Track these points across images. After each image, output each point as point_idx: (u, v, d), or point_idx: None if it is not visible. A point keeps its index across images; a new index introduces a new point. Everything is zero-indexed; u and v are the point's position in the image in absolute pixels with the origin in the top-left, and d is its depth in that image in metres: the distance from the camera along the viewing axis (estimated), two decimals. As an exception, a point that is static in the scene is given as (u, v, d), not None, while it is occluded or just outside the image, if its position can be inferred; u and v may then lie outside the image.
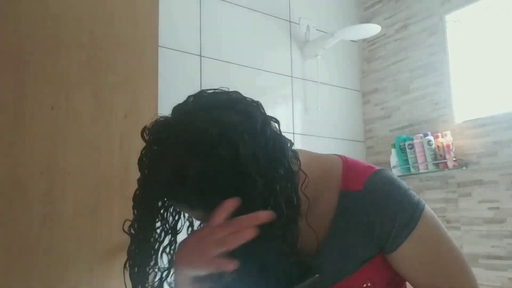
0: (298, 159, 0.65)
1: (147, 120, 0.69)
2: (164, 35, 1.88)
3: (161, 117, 0.63)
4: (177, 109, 0.63)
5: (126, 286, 0.70)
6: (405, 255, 0.70)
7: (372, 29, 2.67)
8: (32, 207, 1.21)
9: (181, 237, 0.72)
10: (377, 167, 0.75)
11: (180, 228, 0.72)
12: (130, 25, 1.46)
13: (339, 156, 0.78)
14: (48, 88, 1.28)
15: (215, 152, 0.54)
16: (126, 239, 0.67)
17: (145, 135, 0.62)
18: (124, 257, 0.66)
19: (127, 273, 0.74)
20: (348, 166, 0.74)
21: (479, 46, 2.44)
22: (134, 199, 0.65)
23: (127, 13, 1.46)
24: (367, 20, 3.04)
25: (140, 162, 0.62)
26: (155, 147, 0.60)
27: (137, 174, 0.63)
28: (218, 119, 0.57)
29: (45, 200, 1.23)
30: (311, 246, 0.71)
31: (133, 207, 0.65)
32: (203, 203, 0.58)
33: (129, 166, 1.34)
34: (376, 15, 3.01)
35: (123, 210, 1.32)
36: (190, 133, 0.56)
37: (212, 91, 0.64)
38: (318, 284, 0.65)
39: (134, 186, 0.68)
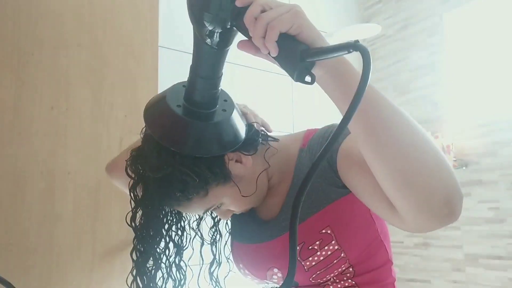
0: None
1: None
2: (164, 35, 1.88)
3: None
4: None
5: (128, 286, 0.74)
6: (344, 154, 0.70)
7: (372, 29, 2.67)
8: (32, 207, 1.21)
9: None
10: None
11: (186, 245, 0.83)
12: (130, 25, 1.46)
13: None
14: (48, 88, 1.28)
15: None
16: (126, 239, 0.67)
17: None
18: (124, 257, 0.67)
19: (127, 272, 0.75)
20: (310, 130, 0.84)
21: (479, 46, 2.44)
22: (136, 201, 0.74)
23: (127, 13, 1.47)
24: (367, 20, 3.04)
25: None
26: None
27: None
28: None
29: (45, 200, 1.23)
30: (279, 200, 0.81)
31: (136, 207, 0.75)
32: (174, 188, 0.69)
33: (129, 166, 1.34)
34: (376, 15, 3.02)
35: (123, 210, 1.32)
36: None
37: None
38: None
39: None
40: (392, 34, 2.91)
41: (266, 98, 2.35)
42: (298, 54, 0.50)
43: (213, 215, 0.89)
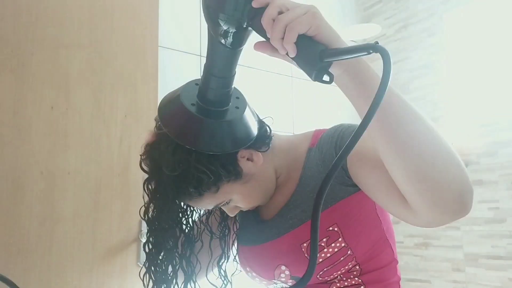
0: None
1: (147, 120, 0.71)
2: (164, 35, 1.88)
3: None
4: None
5: (144, 284, 0.76)
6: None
7: (372, 29, 2.67)
8: (32, 207, 1.21)
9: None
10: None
11: (196, 238, 0.85)
12: (130, 25, 1.46)
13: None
14: (48, 88, 1.28)
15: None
16: (126, 239, 0.67)
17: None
18: (124, 257, 0.67)
19: (127, 272, 0.75)
20: (318, 130, 0.85)
21: (479, 46, 2.44)
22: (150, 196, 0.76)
23: (127, 13, 1.47)
24: (367, 20, 3.04)
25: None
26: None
27: (137, 174, 0.65)
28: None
29: (45, 200, 1.23)
30: (283, 198, 0.82)
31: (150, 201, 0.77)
32: (188, 184, 0.71)
33: (129, 166, 1.34)
34: (376, 15, 3.02)
35: (123, 210, 1.32)
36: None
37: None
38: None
39: (134, 186, 0.71)
40: (392, 34, 2.91)
41: (266, 98, 2.35)
42: (317, 55, 0.52)
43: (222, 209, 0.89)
